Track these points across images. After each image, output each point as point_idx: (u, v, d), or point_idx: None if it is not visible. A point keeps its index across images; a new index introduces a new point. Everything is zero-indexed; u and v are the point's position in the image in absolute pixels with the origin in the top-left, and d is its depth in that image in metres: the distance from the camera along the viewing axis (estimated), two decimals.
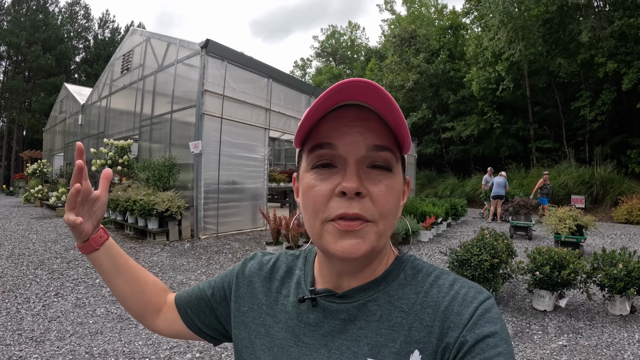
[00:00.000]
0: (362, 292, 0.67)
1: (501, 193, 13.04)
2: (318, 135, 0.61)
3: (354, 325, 0.65)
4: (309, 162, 0.63)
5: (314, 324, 0.68)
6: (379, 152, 0.60)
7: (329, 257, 0.65)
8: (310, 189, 0.61)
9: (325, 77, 46.60)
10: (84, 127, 16.72)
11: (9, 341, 3.55)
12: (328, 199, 0.60)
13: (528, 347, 3.53)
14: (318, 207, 0.60)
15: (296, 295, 0.73)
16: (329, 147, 0.60)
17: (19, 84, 38.14)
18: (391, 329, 0.62)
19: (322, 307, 0.69)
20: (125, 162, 11.13)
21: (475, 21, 24.49)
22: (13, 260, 6.52)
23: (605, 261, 4.39)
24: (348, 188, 0.57)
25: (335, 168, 0.61)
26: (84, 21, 47.21)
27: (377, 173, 0.61)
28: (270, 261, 0.83)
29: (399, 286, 0.67)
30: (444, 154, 26.71)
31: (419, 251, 8.02)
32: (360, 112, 0.60)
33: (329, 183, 0.60)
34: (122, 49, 13.46)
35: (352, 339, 0.64)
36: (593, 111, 17.83)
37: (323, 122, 0.61)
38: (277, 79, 11.15)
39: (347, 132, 0.59)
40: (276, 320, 0.72)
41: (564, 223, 7.61)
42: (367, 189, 0.59)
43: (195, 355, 3.37)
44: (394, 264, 0.70)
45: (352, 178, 0.58)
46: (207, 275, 5.88)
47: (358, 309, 0.66)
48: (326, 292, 0.69)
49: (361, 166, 0.60)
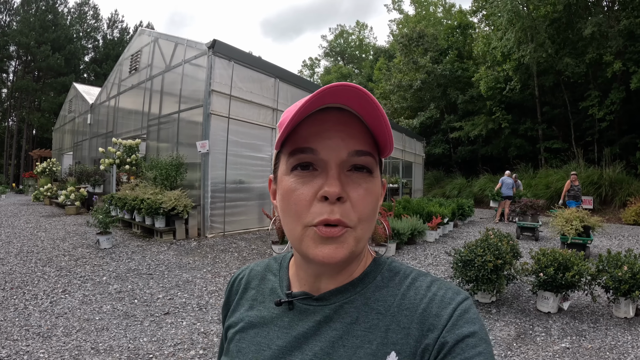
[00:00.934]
0: (338, 295, 0.67)
1: (509, 194, 13.16)
2: (299, 139, 0.61)
3: (328, 326, 0.64)
4: (288, 165, 0.62)
5: (287, 327, 0.68)
6: (360, 156, 0.60)
7: (307, 260, 0.64)
8: (292, 193, 0.61)
9: (334, 77, 46.59)
10: (92, 126, 16.85)
11: (17, 336, 3.61)
12: (310, 203, 0.59)
13: (530, 349, 3.52)
14: (300, 212, 0.60)
15: (271, 300, 0.73)
16: (310, 152, 0.60)
17: (29, 84, 38.50)
18: (367, 331, 0.62)
19: (299, 309, 0.68)
20: (133, 161, 11.22)
21: (483, 20, 24.34)
22: (22, 258, 6.60)
23: (610, 263, 4.37)
24: (330, 193, 0.57)
25: (317, 171, 0.60)
26: (93, 21, 47.58)
27: (358, 176, 0.60)
28: (244, 274, 0.83)
29: (376, 288, 0.67)
30: (452, 154, 26.64)
31: (424, 251, 8.01)
32: (341, 116, 0.60)
33: (311, 187, 0.60)
34: (130, 49, 13.57)
35: (326, 340, 0.63)
36: (602, 111, 17.69)
37: (304, 126, 0.61)
38: (284, 78, 11.18)
39: (329, 136, 0.59)
40: (251, 325, 0.72)
41: (570, 224, 7.56)
42: (348, 193, 0.59)
43: (199, 352, 3.41)
44: (371, 266, 0.70)
45: (334, 182, 0.58)
46: (212, 274, 5.92)
47: (334, 310, 0.65)
48: (303, 294, 0.69)
49: (342, 170, 0.60)
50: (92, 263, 6.36)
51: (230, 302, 0.81)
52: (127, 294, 4.96)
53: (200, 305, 4.61)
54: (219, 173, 9.17)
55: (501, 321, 4.18)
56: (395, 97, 27.76)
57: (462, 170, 24.75)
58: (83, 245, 7.62)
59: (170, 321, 4.09)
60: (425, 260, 7.28)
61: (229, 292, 0.83)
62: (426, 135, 26.57)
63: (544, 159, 20.64)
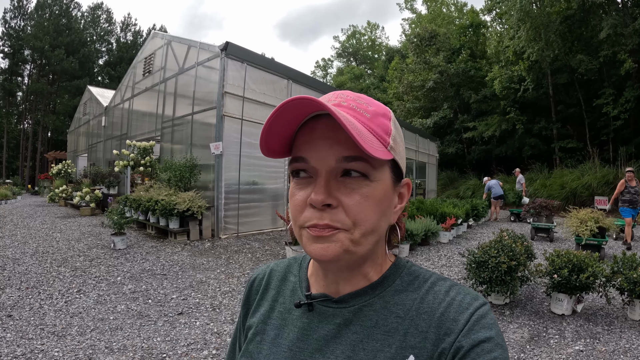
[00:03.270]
0: (358, 297, 0.67)
1: (500, 192, 14.32)
2: (295, 148, 0.63)
3: (349, 329, 0.65)
4: (290, 171, 0.65)
5: (308, 329, 0.68)
6: (350, 162, 0.59)
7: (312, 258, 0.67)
8: (292, 197, 0.64)
9: (347, 78, 46.53)
10: (107, 128, 17.06)
11: (32, 335, 3.67)
12: (303, 207, 0.61)
13: (544, 351, 3.49)
14: (296, 215, 0.63)
15: (292, 301, 0.74)
16: (302, 161, 0.61)
17: (44, 87, 39.10)
18: (387, 334, 0.63)
19: (318, 311, 0.69)
20: (147, 162, 11.31)
21: (496, 18, 24.16)
22: (37, 258, 6.70)
23: (625, 265, 4.30)
24: (314, 200, 0.58)
25: (311, 178, 0.62)
26: (106, 25, 48.19)
27: (351, 182, 0.60)
28: (265, 273, 0.84)
29: (395, 292, 0.67)
30: (465, 154, 26.46)
31: (438, 252, 7.98)
32: (329, 122, 0.59)
33: (304, 193, 0.62)
34: (143, 52, 13.72)
35: (347, 344, 0.64)
36: (616, 109, 17.48)
37: (298, 135, 0.63)
38: (297, 80, 11.23)
39: (318, 144, 0.60)
40: (272, 326, 0.73)
41: (585, 225, 7.48)
42: (339, 199, 0.59)
43: (211, 352, 3.43)
44: (390, 270, 0.70)
45: (319, 190, 0.59)
46: (226, 275, 5.96)
47: (354, 313, 0.66)
48: (322, 296, 0.70)
49: (333, 176, 0.60)
50: (107, 263, 6.44)
51: (250, 302, 0.82)
52: (141, 294, 5.01)
53: (213, 305, 4.64)
54: (233, 174, 9.23)
55: (514, 323, 4.16)
56: (409, 97, 27.68)
57: (476, 170, 24.57)
58: (98, 246, 7.72)
59: (184, 321, 4.13)
60: (439, 261, 7.25)
61: (249, 291, 0.84)
62: (440, 136, 26.46)
63: (559, 158, 20.41)
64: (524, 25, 18.43)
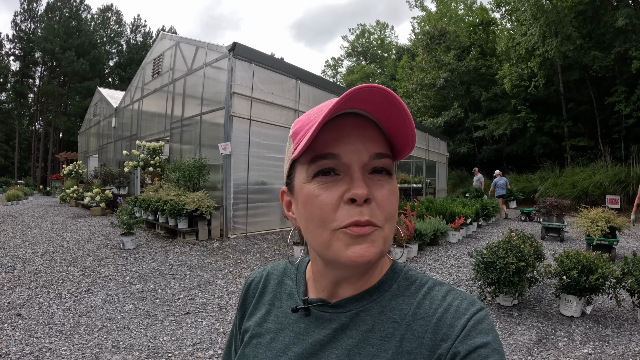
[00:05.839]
0: (355, 302, 0.67)
1: (502, 193, 14.58)
2: (319, 146, 0.61)
3: (345, 334, 0.65)
4: (309, 173, 0.62)
5: (304, 333, 0.68)
6: (380, 159, 0.61)
7: (334, 266, 0.65)
8: (315, 199, 0.61)
9: (357, 76, 46.58)
10: (117, 129, 17.20)
11: (40, 334, 3.72)
12: (336, 207, 0.59)
13: (552, 354, 3.45)
14: (326, 217, 0.60)
15: (289, 305, 0.74)
16: (332, 157, 0.60)
17: (55, 89, 39.55)
18: (383, 339, 0.62)
19: (315, 316, 0.69)
20: (156, 163, 11.39)
21: (506, 15, 23.96)
22: (47, 258, 6.77)
23: (636, 266, 4.22)
24: (359, 195, 0.57)
25: (339, 176, 0.61)
26: (116, 26, 48.65)
27: (379, 178, 0.62)
28: (262, 277, 0.84)
29: (392, 297, 0.67)
30: (476, 153, 26.25)
31: (447, 252, 7.94)
32: (358, 121, 0.61)
33: (335, 191, 0.60)
34: (152, 53, 13.82)
35: (342, 348, 0.64)
36: (628, 107, 17.29)
37: (322, 133, 0.61)
38: (305, 79, 11.20)
39: (349, 141, 0.60)
40: (269, 330, 0.73)
41: (596, 225, 7.38)
42: (373, 194, 0.60)
43: (217, 352, 3.44)
44: (388, 274, 0.70)
45: (361, 184, 0.58)
46: (233, 275, 5.98)
47: (350, 318, 0.66)
48: (319, 301, 0.70)
49: (365, 172, 0.61)
50: (116, 263, 6.49)
51: (247, 305, 0.82)
52: (149, 293, 5.04)
53: (220, 305, 4.66)
54: (241, 174, 9.24)
55: (522, 325, 4.12)
56: (419, 96, 27.56)
57: (486, 169, 24.38)
58: (107, 246, 7.78)
59: (191, 321, 4.14)
60: (448, 261, 7.21)
61: (245, 294, 0.84)
62: (450, 134, 26.31)
63: (570, 157, 20.21)
64: (536, 22, 18.27)
